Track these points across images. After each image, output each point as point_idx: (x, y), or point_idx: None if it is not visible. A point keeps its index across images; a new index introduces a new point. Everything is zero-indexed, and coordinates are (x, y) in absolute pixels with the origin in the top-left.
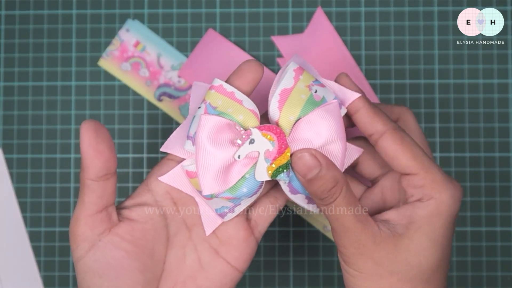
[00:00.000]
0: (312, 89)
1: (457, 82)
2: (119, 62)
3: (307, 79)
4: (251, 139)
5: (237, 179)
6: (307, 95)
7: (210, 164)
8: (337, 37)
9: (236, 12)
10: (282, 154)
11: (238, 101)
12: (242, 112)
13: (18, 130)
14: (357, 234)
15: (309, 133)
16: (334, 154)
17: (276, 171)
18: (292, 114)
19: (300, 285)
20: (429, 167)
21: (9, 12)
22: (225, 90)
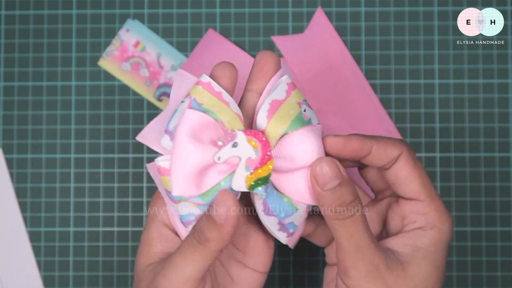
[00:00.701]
0: (302, 107)
1: (457, 82)
2: (119, 62)
3: (298, 97)
4: (235, 142)
5: (212, 185)
6: (296, 111)
7: (186, 163)
8: (337, 37)
9: (236, 12)
10: (264, 165)
11: (225, 103)
12: (228, 114)
13: (18, 130)
14: (371, 255)
15: (294, 149)
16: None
17: (255, 183)
18: (281, 126)
19: (300, 285)
20: (434, 196)
21: (9, 12)
22: (212, 88)
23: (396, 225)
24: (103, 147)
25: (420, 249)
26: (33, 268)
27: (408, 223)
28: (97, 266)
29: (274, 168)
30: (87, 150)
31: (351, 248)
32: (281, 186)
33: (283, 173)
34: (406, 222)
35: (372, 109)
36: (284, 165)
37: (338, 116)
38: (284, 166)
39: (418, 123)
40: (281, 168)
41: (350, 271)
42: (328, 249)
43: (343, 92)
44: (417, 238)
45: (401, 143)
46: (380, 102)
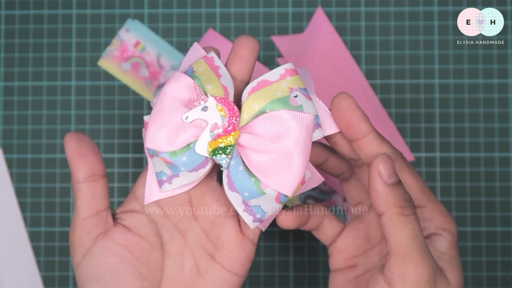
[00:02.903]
0: (293, 93)
1: (457, 82)
2: (119, 62)
3: (294, 82)
4: (205, 106)
5: (181, 146)
6: (283, 94)
7: (161, 119)
8: (337, 37)
9: (236, 12)
10: (227, 135)
11: (217, 75)
12: (213, 83)
13: (18, 130)
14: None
15: (267, 128)
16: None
17: (215, 150)
18: (258, 102)
19: (300, 285)
20: (434, 200)
21: (9, 12)
22: (213, 63)
23: None
24: (103, 147)
25: (444, 254)
26: (33, 268)
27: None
28: None
29: (243, 144)
30: None
31: (415, 249)
32: (250, 164)
33: (255, 151)
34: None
35: (372, 109)
36: (255, 144)
37: None
38: (254, 144)
39: (418, 123)
40: (251, 145)
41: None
42: (333, 250)
43: None
44: (436, 243)
45: (397, 150)
46: (380, 102)
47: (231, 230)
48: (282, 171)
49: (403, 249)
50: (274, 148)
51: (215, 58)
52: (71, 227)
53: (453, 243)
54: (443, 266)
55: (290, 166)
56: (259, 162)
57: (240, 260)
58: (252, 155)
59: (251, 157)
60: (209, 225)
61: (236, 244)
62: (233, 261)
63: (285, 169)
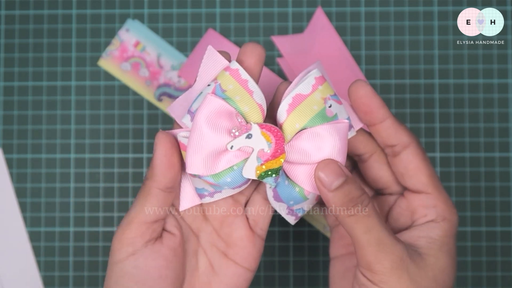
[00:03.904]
0: (327, 103)
1: (457, 82)
2: (119, 62)
3: (326, 91)
4: (249, 133)
5: (225, 168)
6: (320, 107)
7: (201, 146)
8: (337, 37)
9: (236, 12)
10: (275, 158)
11: (249, 92)
12: (249, 103)
13: (18, 130)
14: (392, 247)
15: (309, 145)
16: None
17: (265, 173)
18: (299, 122)
19: (300, 285)
20: (441, 188)
21: (9, 12)
22: (239, 76)
23: (405, 220)
24: (103, 147)
25: (435, 240)
26: (33, 268)
27: (418, 217)
28: (97, 266)
29: (287, 160)
30: (87, 150)
31: (371, 243)
32: (294, 176)
33: (297, 164)
34: (416, 216)
35: None
36: (297, 158)
37: None
38: (297, 159)
39: (418, 123)
40: (294, 160)
41: (375, 266)
42: (335, 235)
43: (342, 92)
44: (431, 230)
45: (413, 134)
46: None
47: (242, 228)
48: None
49: (361, 245)
50: (315, 159)
51: (240, 70)
52: (126, 223)
53: (449, 231)
54: (427, 252)
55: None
56: (302, 173)
57: (252, 255)
58: (296, 169)
59: (295, 170)
60: (219, 225)
61: (247, 241)
62: (246, 257)
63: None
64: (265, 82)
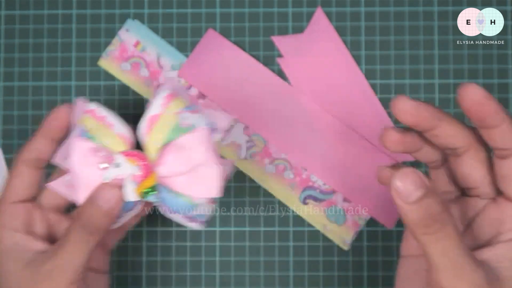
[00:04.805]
0: (181, 116)
1: (457, 82)
2: (119, 62)
3: (178, 106)
4: (116, 163)
5: None
6: (174, 122)
7: (81, 187)
8: (337, 37)
9: (236, 12)
10: (147, 178)
11: (109, 125)
12: (109, 136)
13: (18, 130)
14: (471, 274)
15: (175, 157)
16: (210, 178)
17: (144, 193)
18: (158, 140)
19: (300, 285)
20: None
21: (9, 12)
22: (96, 114)
23: (490, 230)
24: None
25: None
26: None
27: (507, 229)
28: None
29: (161, 175)
30: None
31: (448, 267)
32: (175, 187)
33: (174, 177)
34: (505, 228)
35: (372, 109)
36: (170, 171)
37: (337, 116)
38: (170, 172)
39: None
40: (168, 174)
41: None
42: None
43: (342, 92)
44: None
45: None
46: (380, 102)
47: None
48: (203, 180)
49: (436, 267)
50: (187, 168)
51: (96, 109)
52: None
53: None
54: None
55: (207, 173)
56: (181, 183)
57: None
58: (173, 181)
59: (173, 183)
60: None
61: None
62: None
63: (204, 177)
64: (265, 82)
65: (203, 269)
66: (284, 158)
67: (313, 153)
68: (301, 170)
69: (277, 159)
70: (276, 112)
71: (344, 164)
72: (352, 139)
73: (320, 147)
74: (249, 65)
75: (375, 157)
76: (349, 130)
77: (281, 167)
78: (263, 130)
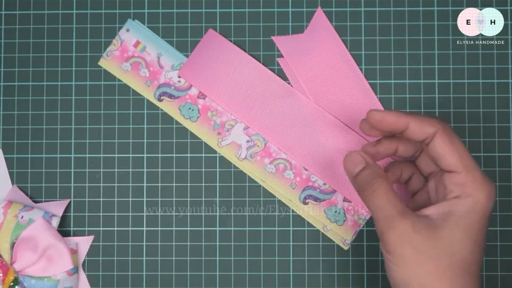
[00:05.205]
0: (19, 216)
1: (457, 82)
2: (119, 62)
3: (15, 209)
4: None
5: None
6: (14, 223)
7: None
8: (337, 37)
9: (236, 12)
10: (6, 276)
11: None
12: None
13: (18, 130)
14: (397, 222)
15: (25, 249)
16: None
17: (11, 287)
18: (6, 242)
19: (300, 285)
20: (471, 167)
21: (9, 12)
22: None
23: (440, 195)
24: (103, 147)
25: (453, 215)
26: None
27: (447, 193)
28: (97, 266)
29: (20, 270)
30: (87, 150)
31: (381, 218)
32: (37, 274)
33: (31, 266)
34: (447, 192)
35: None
36: (27, 263)
37: (338, 116)
38: (27, 264)
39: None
40: (24, 267)
41: (383, 238)
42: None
43: (342, 92)
44: (452, 206)
45: (437, 122)
46: (380, 102)
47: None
48: (56, 259)
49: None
50: (38, 254)
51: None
52: None
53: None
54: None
55: (56, 253)
56: (39, 269)
57: None
58: (32, 269)
59: (33, 271)
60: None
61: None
62: None
63: (55, 257)
64: (265, 82)
65: (203, 269)
66: (284, 158)
67: (313, 153)
68: (301, 170)
69: (277, 159)
70: (276, 112)
71: None
72: (352, 139)
73: (320, 147)
74: (249, 65)
75: None
76: (349, 130)
77: (281, 167)
78: (263, 130)
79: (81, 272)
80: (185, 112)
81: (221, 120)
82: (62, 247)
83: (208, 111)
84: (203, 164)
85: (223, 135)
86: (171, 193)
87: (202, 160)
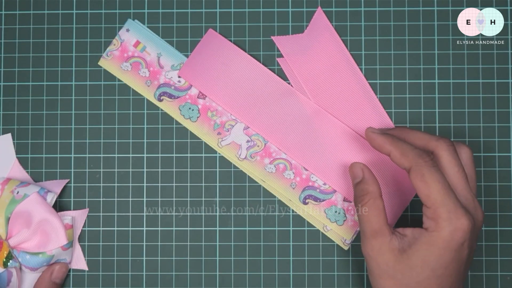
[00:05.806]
0: (14, 192)
1: (457, 82)
2: (119, 62)
3: (11, 185)
4: None
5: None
6: (9, 198)
7: None
8: (337, 37)
9: (236, 12)
10: (0, 250)
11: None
12: None
13: (18, 130)
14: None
15: (19, 225)
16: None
17: (4, 263)
18: (1, 217)
19: (300, 285)
20: (440, 204)
21: (9, 12)
22: None
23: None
24: (103, 147)
25: (416, 244)
26: None
27: (423, 221)
28: (98, 266)
29: (15, 245)
30: (88, 150)
31: (367, 232)
32: (31, 249)
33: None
34: (424, 219)
35: (372, 109)
36: (22, 239)
37: (337, 116)
38: (22, 239)
39: (418, 123)
40: (19, 242)
41: (362, 248)
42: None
43: (343, 92)
44: (419, 234)
45: (415, 157)
46: (380, 102)
47: None
48: (50, 233)
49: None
50: (32, 229)
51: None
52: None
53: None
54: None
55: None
56: (34, 245)
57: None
58: (27, 245)
59: (27, 247)
60: None
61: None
62: None
63: (49, 232)
64: (265, 82)
65: (203, 269)
66: (284, 158)
67: (313, 153)
68: (301, 170)
69: (277, 159)
70: (276, 112)
71: (344, 164)
72: (352, 138)
73: (320, 147)
74: (249, 65)
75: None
76: (349, 130)
77: (281, 167)
78: (263, 130)
79: (76, 245)
80: (185, 112)
81: (221, 120)
82: (56, 222)
83: (208, 111)
84: (203, 164)
85: (223, 135)
86: (171, 193)
87: (202, 160)
